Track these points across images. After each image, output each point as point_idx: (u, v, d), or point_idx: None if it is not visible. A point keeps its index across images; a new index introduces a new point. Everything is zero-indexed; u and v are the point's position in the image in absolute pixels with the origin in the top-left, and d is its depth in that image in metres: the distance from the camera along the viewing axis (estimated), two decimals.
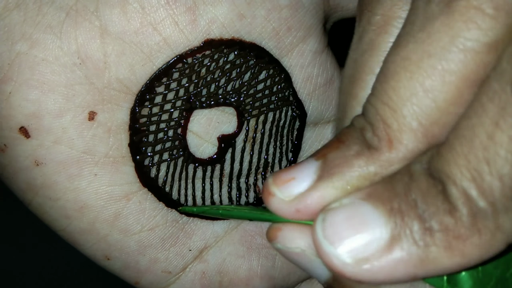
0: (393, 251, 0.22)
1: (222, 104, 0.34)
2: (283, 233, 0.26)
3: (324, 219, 0.24)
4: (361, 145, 0.25)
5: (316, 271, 0.26)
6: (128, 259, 0.35)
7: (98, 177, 0.32)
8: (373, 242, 0.23)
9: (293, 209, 0.25)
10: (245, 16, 0.33)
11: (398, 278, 0.23)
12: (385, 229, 0.23)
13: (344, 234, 0.23)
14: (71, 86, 0.31)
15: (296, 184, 0.25)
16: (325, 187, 0.25)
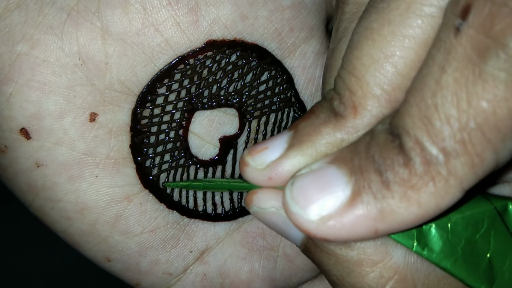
0: (354, 206, 0.23)
1: (224, 105, 0.34)
2: (258, 195, 0.28)
3: (292, 183, 0.25)
4: (329, 114, 0.26)
5: (291, 232, 0.27)
6: (129, 261, 0.34)
7: (99, 178, 0.32)
8: (336, 200, 0.23)
9: (266, 177, 0.27)
10: (247, 17, 0.33)
11: (361, 234, 0.24)
12: (347, 186, 0.24)
13: (309, 194, 0.24)
14: (72, 87, 0.31)
15: (269, 153, 0.27)
16: (295, 154, 0.26)
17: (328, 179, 0.24)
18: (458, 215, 0.27)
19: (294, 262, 0.37)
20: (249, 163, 0.27)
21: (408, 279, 0.26)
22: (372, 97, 0.25)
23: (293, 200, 0.24)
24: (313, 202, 0.24)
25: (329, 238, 0.24)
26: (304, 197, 0.24)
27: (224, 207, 0.36)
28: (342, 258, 0.26)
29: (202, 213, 0.35)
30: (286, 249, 0.37)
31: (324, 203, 0.24)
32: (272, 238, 0.37)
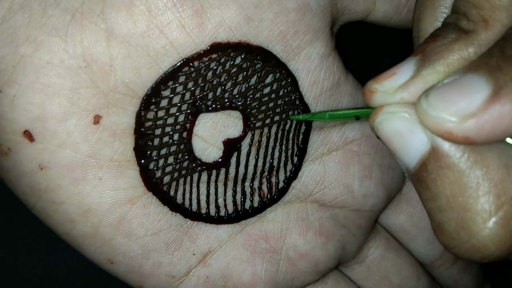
0: (497, 101, 0.23)
1: (228, 107, 0.34)
2: (391, 105, 0.26)
3: (427, 95, 0.24)
4: (458, 32, 0.26)
5: (414, 143, 0.26)
6: (132, 263, 0.34)
7: (102, 181, 0.32)
8: (478, 99, 0.23)
9: (398, 97, 0.26)
10: (252, 19, 0.32)
11: (506, 127, 0.23)
12: (487, 85, 0.23)
13: (448, 98, 0.24)
14: (76, 90, 0.31)
15: (398, 78, 0.26)
16: (427, 72, 0.25)
17: (466, 84, 0.24)
18: None
19: (297, 265, 0.37)
20: (378, 89, 0.26)
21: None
22: (501, 8, 0.25)
23: (431, 106, 0.24)
24: (453, 104, 0.23)
25: (471, 136, 0.23)
26: (442, 101, 0.24)
27: (227, 210, 0.36)
28: (463, 173, 0.25)
29: (205, 216, 0.35)
30: (289, 252, 0.37)
31: (466, 103, 0.23)
32: (275, 241, 0.37)
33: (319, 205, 0.38)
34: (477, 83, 0.23)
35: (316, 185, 0.37)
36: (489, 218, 0.25)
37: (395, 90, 0.26)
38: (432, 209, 0.26)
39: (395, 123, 0.26)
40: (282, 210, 0.37)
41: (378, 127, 0.27)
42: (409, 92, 0.26)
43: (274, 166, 0.36)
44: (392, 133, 0.26)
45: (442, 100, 0.24)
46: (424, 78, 0.25)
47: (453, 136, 0.24)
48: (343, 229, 0.38)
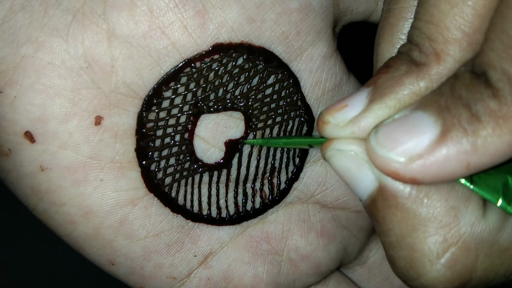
0: (445, 142, 0.23)
1: (230, 108, 0.34)
2: (339, 140, 0.26)
3: (377, 131, 0.24)
4: (410, 65, 0.26)
5: (364, 179, 0.26)
6: (133, 265, 0.34)
7: (104, 182, 0.32)
8: (425, 140, 0.23)
9: (349, 132, 0.26)
10: (254, 19, 0.32)
11: (452, 171, 0.23)
12: (435, 125, 0.23)
13: (396, 137, 0.24)
14: (77, 90, 0.30)
15: (349, 110, 0.26)
16: (378, 107, 0.25)
17: (414, 123, 0.24)
18: None
19: (298, 266, 0.37)
20: (330, 121, 0.26)
21: (472, 248, 0.25)
22: (454, 42, 0.25)
23: (379, 145, 0.24)
24: (400, 144, 0.23)
25: (417, 178, 0.23)
26: (390, 140, 0.24)
27: (229, 211, 0.35)
28: (410, 214, 0.25)
29: (207, 217, 0.35)
30: (291, 253, 0.37)
31: (413, 144, 0.23)
32: (276, 242, 0.37)
33: (320, 207, 0.37)
34: (425, 122, 0.23)
35: (318, 186, 0.37)
36: (436, 260, 0.25)
37: (346, 124, 0.26)
38: (384, 243, 0.27)
39: (343, 160, 0.26)
40: (283, 211, 0.37)
41: (328, 161, 0.27)
42: (359, 127, 0.26)
43: (276, 167, 0.36)
44: (341, 168, 0.27)
45: (390, 138, 0.24)
46: (374, 113, 0.25)
47: (399, 176, 0.24)
48: (345, 231, 0.38)
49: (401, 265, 0.26)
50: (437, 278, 0.25)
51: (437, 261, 0.25)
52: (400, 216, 0.25)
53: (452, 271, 0.25)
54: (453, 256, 0.25)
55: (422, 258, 0.25)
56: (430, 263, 0.25)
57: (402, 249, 0.26)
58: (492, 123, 0.22)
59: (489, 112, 0.22)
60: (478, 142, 0.22)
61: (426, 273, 0.25)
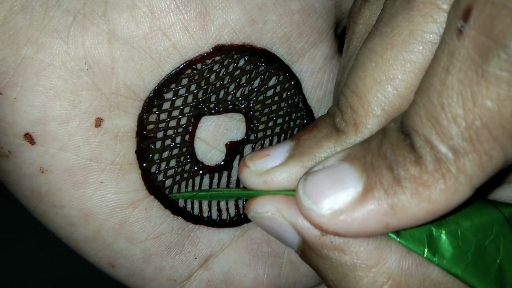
0: (366, 201, 0.24)
1: (231, 110, 0.34)
2: (256, 201, 0.28)
3: (305, 179, 0.25)
4: (331, 129, 0.27)
5: (287, 235, 0.28)
6: (133, 267, 0.34)
7: (104, 184, 0.32)
8: (348, 195, 0.24)
9: (262, 180, 0.27)
10: (256, 21, 0.32)
11: (372, 229, 0.24)
12: (359, 182, 0.24)
13: (322, 189, 0.25)
14: (77, 92, 0.30)
15: (269, 160, 0.28)
16: (294, 164, 0.27)
17: (340, 175, 0.25)
18: (468, 222, 0.27)
19: (299, 269, 0.37)
20: (250, 166, 0.28)
21: (403, 284, 0.26)
22: (373, 116, 0.26)
23: (306, 195, 0.25)
24: (325, 197, 0.24)
25: (339, 232, 0.24)
26: (316, 192, 0.25)
27: (229, 213, 0.35)
28: (336, 262, 0.26)
29: (207, 219, 0.35)
30: (291, 255, 0.37)
31: (336, 198, 0.24)
32: (277, 244, 0.36)
33: None
34: (350, 176, 0.24)
35: None
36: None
37: (263, 173, 0.28)
38: (327, 285, 0.28)
39: (264, 221, 0.28)
40: None
41: (253, 221, 0.29)
42: (272, 179, 0.27)
43: None
44: (266, 229, 0.28)
45: (316, 190, 0.25)
46: (290, 169, 0.27)
47: (323, 229, 0.25)
48: None
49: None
50: None
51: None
52: (328, 264, 0.26)
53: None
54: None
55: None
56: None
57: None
58: (411, 189, 0.23)
59: (410, 178, 0.23)
60: (398, 205, 0.23)
61: None
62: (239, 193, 0.32)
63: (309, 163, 0.27)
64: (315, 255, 0.27)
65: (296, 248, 0.28)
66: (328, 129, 0.27)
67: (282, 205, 0.27)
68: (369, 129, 0.26)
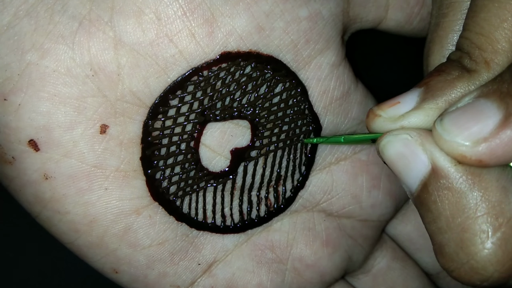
0: (508, 125, 0.24)
1: (237, 117, 0.33)
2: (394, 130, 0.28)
3: (442, 119, 0.26)
4: (461, 70, 0.27)
5: (416, 165, 0.27)
6: (136, 273, 0.34)
7: (108, 191, 0.32)
8: (489, 124, 0.24)
9: (398, 125, 0.27)
10: (263, 28, 0.32)
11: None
12: (498, 111, 0.24)
13: (461, 123, 0.25)
14: (83, 99, 0.30)
15: (401, 106, 0.28)
16: (430, 106, 0.27)
17: (478, 109, 0.25)
18: None
19: (303, 275, 0.37)
20: (382, 114, 0.28)
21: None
22: (503, 52, 0.26)
23: (445, 131, 0.25)
24: (466, 129, 0.25)
25: (484, 159, 0.24)
26: (456, 126, 0.25)
27: (233, 219, 0.35)
28: (462, 194, 0.26)
29: (211, 225, 0.35)
30: (295, 262, 0.36)
31: (478, 129, 0.24)
32: (281, 251, 0.36)
33: (326, 215, 0.37)
34: (488, 108, 0.24)
35: (324, 194, 0.37)
36: (487, 239, 0.25)
37: (397, 118, 0.27)
38: (433, 231, 0.27)
39: (398, 145, 0.27)
40: (288, 219, 0.37)
41: (382, 150, 0.28)
42: (409, 122, 0.27)
43: (282, 175, 0.36)
44: (395, 155, 0.27)
45: (455, 125, 0.25)
46: (425, 111, 0.27)
47: (466, 159, 0.25)
48: (350, 239, 0.38)
49: (450, 250, 0.26)
50: (488, 257, 0.25)
51: (488, 240, 0.25)
52: (451, 197, 0.26)
53: (503, 251, 0.25)
54: (504, 235, 0.25)
55: (473, 237, 0.25)
56: (481, 242, 0.25)
57: (452, 231, 0.26)
58: None
59: None
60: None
61: (477, 252, 0.25)
62: (373, 135, 0.31)
63: (444, 104, 0.27)
64: (439, 187, 0.26)
65: (419, 182, 0.27)
66: (458, 71, 0.27)
67: (423, 133, 0.27)
68: (500, 65, 0.26)
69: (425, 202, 0.27)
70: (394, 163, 0.28)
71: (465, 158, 0.25)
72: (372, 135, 0.30)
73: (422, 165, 0.27)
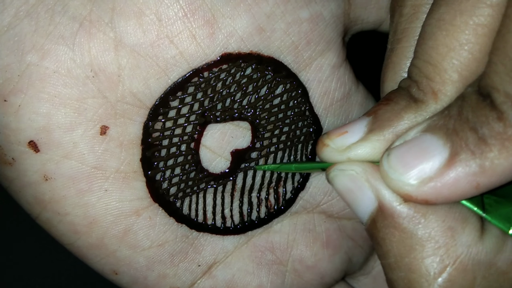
0: (454, 165, 0.24)
1: (237, 118, 0.33)
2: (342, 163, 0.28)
3: (389, 154, 0.26)
4: (408, 100, 0.27)
5: (363, 200, 0.27)
6: (136, 275, 0.34)
7: (108, 192, 0.31)
8: (435, 163, 0.24)
9: (345, 157, 0.28)
10: (264, 29, 0.32)
11: (462, 191, 0.24)
12: (444, 149, 0.24)
13: (407, 161, 0.25)
14: (83, 100, 0.30)
15: (348, 136, 0.28)
16: (376, 138, 0.27)
17: (424, 146, 0.25)
18: None
19: (303, 277, 0.37)
20: (330, 144, 0.28)
21: (469, 269, 0.26)
22: (451, 83, 0.26)
23: (392, 168, 0.25)
24: (412, 168, 0.25)
25: (429, 199, 0.24)
26: (401, 164, 0.25)
27: (234, 221, 0.35)
28: (407, 233, 0.26)
29: (211, 227, 0.35)
30: (295, 264, 0.36)
31: (424, 167, 0.24)
32: (281, 252, 0.36)
33: (326, 216, 0.37)
34: (434, 146, 0.25)
35: (324, 196, 0.37)
36: (433, 280, 0.26)
37: (344, 149, 0.28)
38: (384, 265, 0.27)
39: (345, 180, 0.28)
40: (289, 221, 0.37)
41: (331, 182, 0.28)
42: (356, 154, 0.27)
43: (282, 176, 0.36)
44: (343, 189, 0.28)
45: (401, 162, 0.25)
46: (372, 144, 0.27)
47: (412, 198, 0.25)
48: (350, 241, 0.38)
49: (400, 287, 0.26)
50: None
51: (434, 281, 0.26)
52: (398, 236, 0.26)
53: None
54: (450, 277, 0.25)
55: (419, 279, 0.26)
56: (427, 284, 0.26)
57: (400, 270, 0.26)
58: (498, 145, 0.23)
59: (495, 135, 0.23)
60: (486, 164, 0.23)
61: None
62: (323, 164, 0.31)
63: (390, 135, 0.27)
64: (386, 225, 0.26)
65: (368, 217, 0.27)
66: (405, 101, 0.27)
67: (369, 169, 0.27)
68: (448, 96, 0.26)
69: (375, 237, 0.27)
70: (343, 196, 0.28)
71: (411, 198, 0.25)
72: (322, 164, 0.30)
73: (369, 201, 0.27)
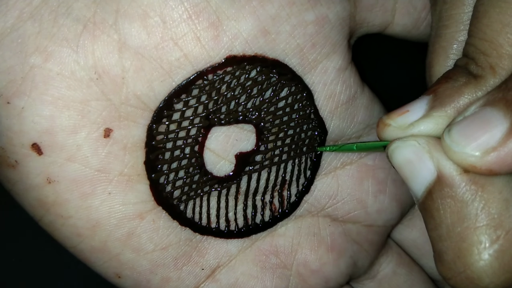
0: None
1: (242, 121, 0.33)
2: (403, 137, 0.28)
3: (450, 130, 0.26)
4: (468, 76, 0.28)
5: (422, 172, 0.27)
6: (139, 278, 0.34)
7: (111, 195, 0.31)
8: (497, 133, 0.24)
9: (408, 134, 0.28)
10: (269, 32, 0.31)
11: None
12: (505, 120, 0.24)
13: (469, 134, 0.25)
14: (87, 102, 0.30)
15: (410, 115, 0.28)
16: (438, 114, 0.27)
17: (484, 119, 0.25)
18: None
19: (307, 281, 0.36)
20: (391, 124, 0.28)
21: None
22: (508, 57, 0.27)
23: (454, 142, 0.25)
24: (475, 139, 0.25)
25: (494, 168, 0.25)
26: (464, 137, 0.25)
27: (238, 224, 0.35)
28: (464, 203, 0.26)
29: (215, 230, 0.34)
30: (300, 268, 0.36)
31: (486, 139, 0.25)
32: (285, 256, 0.36)
33: (331, 220, 0.37)
34: (495, 117, 0.25)
35: (329, 199, 0.37)
36: (484, 250, 0.26)
37: (407, 127, 0.28)
38: (434, 238, 0.27)
39: (406, 151, 0.28)
40: (293, 224, 0.36)
41: (391, 155, 0.28)
42: (419, 130, 0.28)
43: (286, 179, 0.35)
44: (403, 161, 0.28)
45: (463, 135, 0.25)
46: (435, 120, 0.27)
47: (477, 169, 0.25)
48: (355, 245, 0.37)
49: (448, 258, 0.26)
50: (484, 268, 0.26)
51: (485, 251, 0.26)
52: (454, 206, 0.26)
53: (499, 263, 0.25)
54: (501, 247, 0.25)
55: (470, 248, 0.26)
56: (478, 253, 0.26)
57: (451, 240, 0.26)
58: None
59: None
60: None
61: (474, 263, 0.26)
62: (385, 142, 0.31)
63: (452, 111, 0.27)
64: (443, 195, 0.26)
65: (424, 188, 0.27)
66: (465, 77, 0.28)
67: (432, 140, 0.27)
68: (506, 69, 0.27)
69: (429, 209, 0.27)
70: (402, 168, 0.28)
71: (475, 168, 0.25)
72: (384, 142, 0.30)
73: (428, 172, 0.27)
